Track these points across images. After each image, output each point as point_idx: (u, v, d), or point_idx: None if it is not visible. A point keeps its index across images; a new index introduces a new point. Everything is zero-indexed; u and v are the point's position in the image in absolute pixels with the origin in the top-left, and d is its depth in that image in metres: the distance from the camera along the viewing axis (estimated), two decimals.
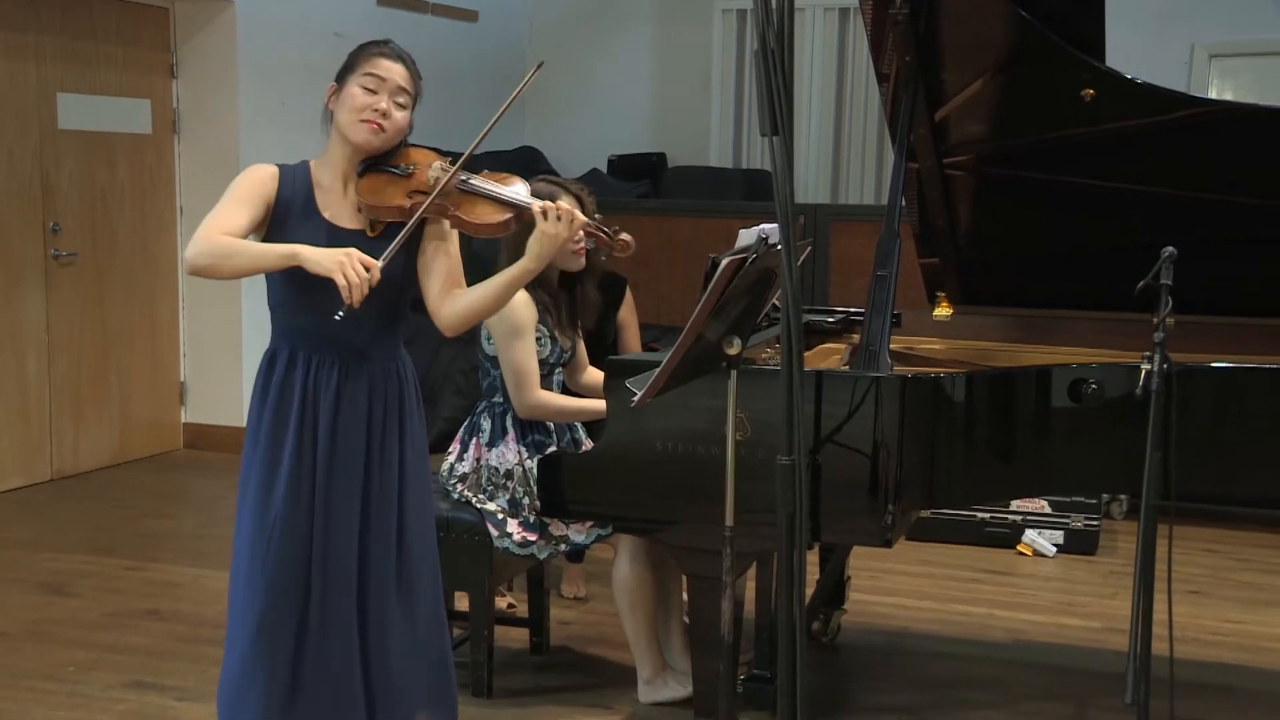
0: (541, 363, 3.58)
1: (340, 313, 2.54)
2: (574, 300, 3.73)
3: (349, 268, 2.52)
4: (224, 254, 2.59)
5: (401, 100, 2.74)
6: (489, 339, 3.60)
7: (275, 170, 2.73)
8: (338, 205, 2.74)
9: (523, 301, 3.52)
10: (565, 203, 3.51)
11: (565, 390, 3.76)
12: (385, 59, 2.74)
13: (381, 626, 2.77)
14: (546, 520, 3.52)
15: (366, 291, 2.54)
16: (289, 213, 2.70)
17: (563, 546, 3.59)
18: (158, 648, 4.04)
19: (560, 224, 2.72)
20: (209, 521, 5.51)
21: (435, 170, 2.76)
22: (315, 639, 2.71)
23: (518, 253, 2.81)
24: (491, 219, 2.76)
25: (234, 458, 2.80)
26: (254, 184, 2.69)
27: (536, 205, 2.75)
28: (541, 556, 3.60)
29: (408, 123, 2.78)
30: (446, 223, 2.77)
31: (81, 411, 6.34)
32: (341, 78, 2.75)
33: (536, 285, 3.56)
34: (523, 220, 2.76)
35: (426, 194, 2.71)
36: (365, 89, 2.70)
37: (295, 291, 2.67)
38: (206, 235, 2.61)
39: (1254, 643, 4.28)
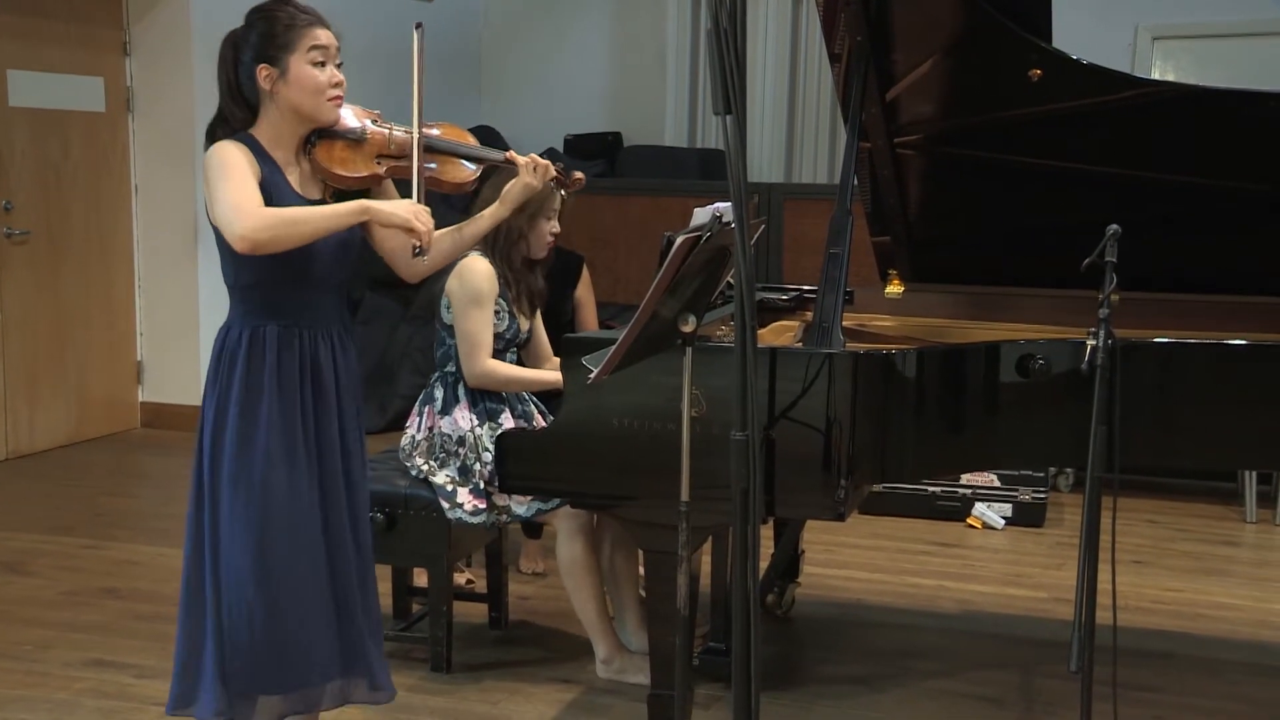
0: (497, 337, 3.63)
1: (423, 255, 2.70)
2: (530, 276, 3.78)
3: (419, 217, 2.64)
4: (289, 222, 2.55)
5: (339, 60, 2.71)
6: (448, 307, 3.66)
7: (242, 143, 2.66)
8: (298, 177, 2.73)
9: (485, 273, 3.60)
10: (555, 199, 3.69)
11: None
12: (317, 27, 2.68)
13: (364, 586, 2.85)
14: (490, 489, 3.58)
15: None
16: (271, 184, 2.66)
17: (504, 517, 3.63)
18: (116, 626, 4.05)
19: (538, 173, 2.92)
20: (167, 500, 5.51)
21: (397, 130, 2.80)
22: (328, 604, 2.76)
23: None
24: (466, 176, 2.86)
25: (192, 436, 2.80)
26: (245, 160, 2.61)
27: (514, 157, 2.91)
28: (489, 525, 3.64)
29: None
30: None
31: (37, 390, 6.31)
32: (275, 59, 2.65)
33: (500, 259, 3.64)
34: (492, 166, 2.90)
35: (391, 155, 2.77)
36: (316, 64, 2.65)
37: (290, 267, 2.63)
38: (252, 210, 2.53)
39: (1192, 610, 4.38)
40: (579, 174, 3.09)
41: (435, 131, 2.86)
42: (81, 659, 3.79)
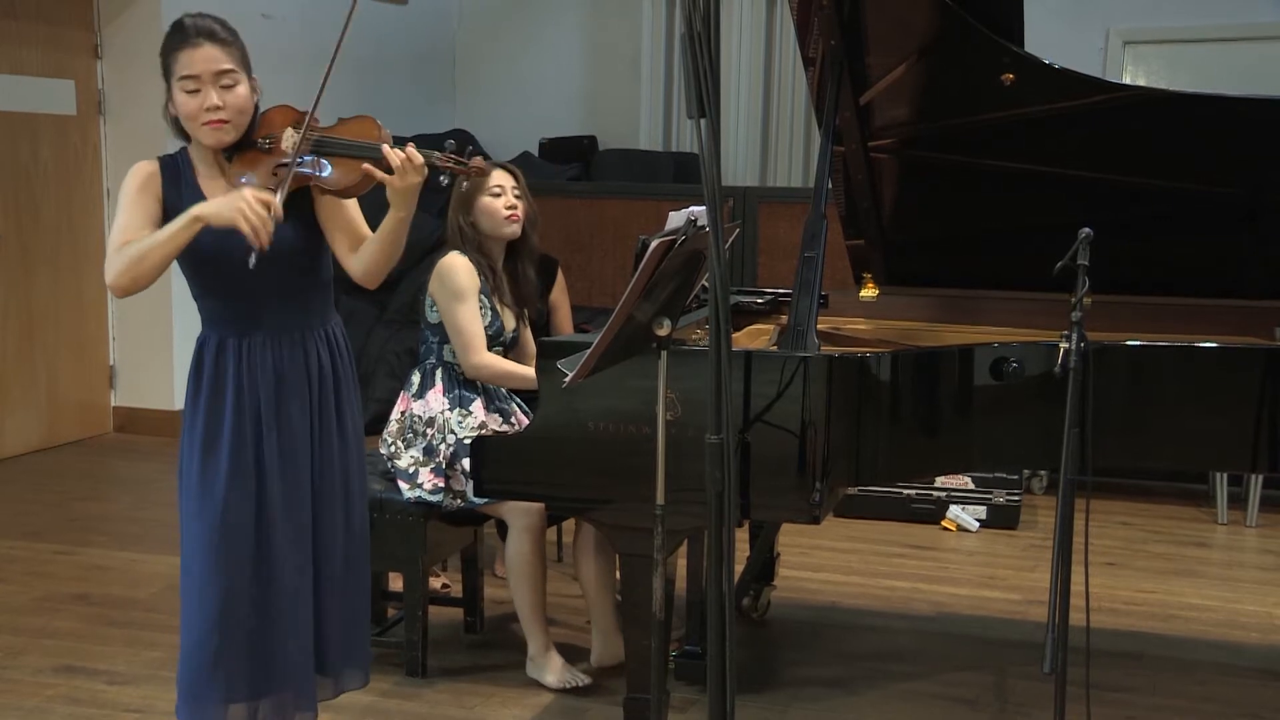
0: None
1: (252, 260, 2.49)
2: (516, 280, 3.81)
3: (247, 212, 2.46)
4: (137, 258, 2.54)
5: (227, 81, 2.60)
6: (432, 306, 3.70)
7: (156, 165, 2.68)
8: (220, 189, 2.69)
9: (463, 268, 3.65)
10: (498, 175, 3.69)
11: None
12: (187, 50, 2.59)
13: (330, 591, 2.85)
14: (450, 472, 3.60)
15: (272, 227, 2.49)
16: (180, 204, 2.63)
17: (459, 502, 3.64)
18: (88, 632, 4.02)
19: (410, 173, 2.61)
20: (139, 505, 5.47)
21: (289, 137, 2.68)
22: (275, 614, 2.74)
23: None
24: (353, 178, 2.64)
25: (165, 441, 2.81)
26: (140, 184, 2.65)
27: (390, 156, 2.60)
28: (445, 506, 3.64)
29: (248, 94, 2.65)
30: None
31: (8, 395, 6.26)
32: (167, 83, 2.64)
33: (477, 253, 3.66)
34: (386, 164, 2.62)
35: (287, 163, 2.63)
36: (187, 93, 2.60)
37: (206, 277, 2.69)
38: (113, 255, 2.56)
39: (1164, 611, 4.40)
40: (478, 159, 2.77)
41: (334, 133, 2.67)
42: (53, 665, 3.76)
